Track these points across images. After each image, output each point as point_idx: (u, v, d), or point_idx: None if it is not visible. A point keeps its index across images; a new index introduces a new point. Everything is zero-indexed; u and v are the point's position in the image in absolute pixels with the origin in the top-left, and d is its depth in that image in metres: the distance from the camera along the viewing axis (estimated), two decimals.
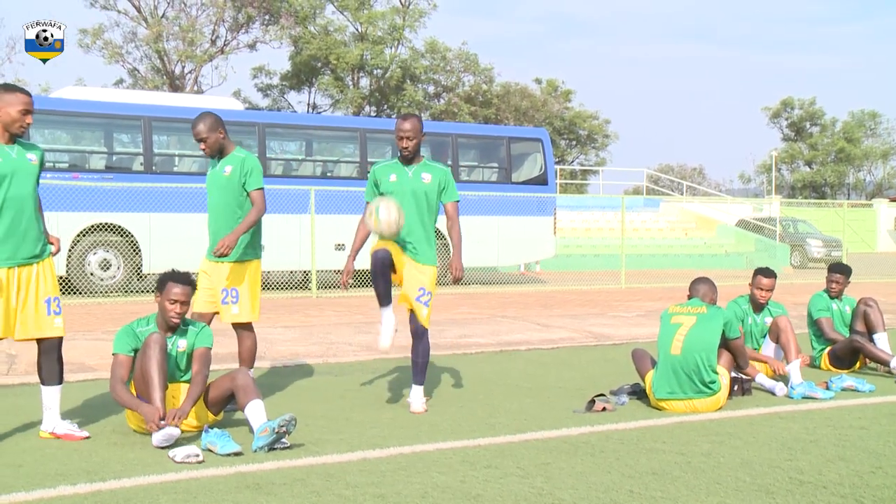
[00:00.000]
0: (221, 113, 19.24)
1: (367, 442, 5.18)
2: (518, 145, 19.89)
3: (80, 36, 39.26)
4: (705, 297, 6.65)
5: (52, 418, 5.33)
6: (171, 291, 5.45)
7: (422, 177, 6.27)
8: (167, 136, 17.74)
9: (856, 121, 65.19)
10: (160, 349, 5.24)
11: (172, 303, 5.44)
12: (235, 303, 6.28)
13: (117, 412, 5.89)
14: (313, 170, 18.43)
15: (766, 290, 7.66)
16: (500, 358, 9.12)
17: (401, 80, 44.46)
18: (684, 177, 63.40)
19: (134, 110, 15.95)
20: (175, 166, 16.97)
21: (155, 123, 16.09)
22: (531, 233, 19.10)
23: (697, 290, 6.73)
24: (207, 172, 6.45)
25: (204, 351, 5.57)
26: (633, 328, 11.39)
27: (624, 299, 15.97)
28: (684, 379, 6.17)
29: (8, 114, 5.14)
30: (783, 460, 4.77)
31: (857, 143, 64.22)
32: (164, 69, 40.66)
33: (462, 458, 4.78)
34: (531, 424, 5.72)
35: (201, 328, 5.69)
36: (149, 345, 5.25)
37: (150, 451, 4.98)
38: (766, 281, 7.65)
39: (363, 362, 8.74)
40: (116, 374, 5.33)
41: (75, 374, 7.55)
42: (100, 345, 9.27)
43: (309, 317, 12.33)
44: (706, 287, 6.74)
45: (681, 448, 5.04)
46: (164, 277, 5.55)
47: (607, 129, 55.82)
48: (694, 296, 6.68)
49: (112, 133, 16.88)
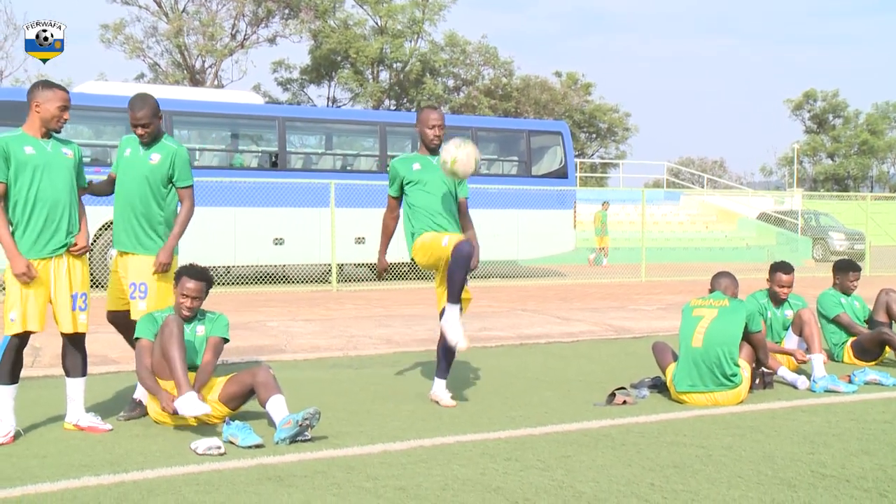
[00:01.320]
0: (242, 107, 19.38)
1: (387, 434, 5.20)
2: (538, 138, 19.86)
3: (101, 31, 39.54)
4: (727, 291, 6.62)
5: (75, 410, 5.39)
6: (184, 286, 5.55)
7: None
8: (188, 130, 17.83)
9: (879, 112, 64.59)
10: (178, 328, 5.32)
11: (184, 297, 5.54)
12: (143, 298, 5.77)
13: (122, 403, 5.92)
14: (333, 164, 18.48)
15: (786, 287, 7.60)
16: (519, 351, 9.12)
17: (420, 74, 44.46)
18: (705, 170, 63.09)
19: None
20: (196, 160, 17.05)
21: (175, 118, 16.17)
22: (551, 226, 19.07)
23: (719, 283, 6.70)
24: (118, 154, 5.94)
25: (218, 340, 5.62)
26: (654, 321, 11.36)
27: (644, 293, 15.93)
28: (705, 372, 6.15)
29: (47, 110, 5.23)
30: (805, 454, 4.75)
31: (881, 135, 63.64)
32: (185, 64, 40.84)
33: (482, 451, 4.79)
34: (551, 417, 5.72)
35: (218, 317, 5.74)
36: (167, 324, 5.34)
37: (173, 442, 5.02)
38: (786, 277, 7.58)
39: (383, 355, 8.76)
40: (142, 360, 5.45)
41: (98, 366, 7.62)
42: (122, 339, 9.33)
43: (329, 310, 12.37)
44: (728, 281, 6.72)
45: (702, 441, 5.03)
46: (180, 271, 5.63)
47: (627, 122, 55.60)
48: (716, 289, 6.66)
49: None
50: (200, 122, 17.57)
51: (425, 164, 6.29)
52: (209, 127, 18.07)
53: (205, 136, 18.44)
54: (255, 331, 9.88)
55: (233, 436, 4.94)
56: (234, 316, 6.73)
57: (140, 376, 5.43)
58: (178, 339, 5.28)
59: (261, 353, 8.50)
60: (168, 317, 5.42)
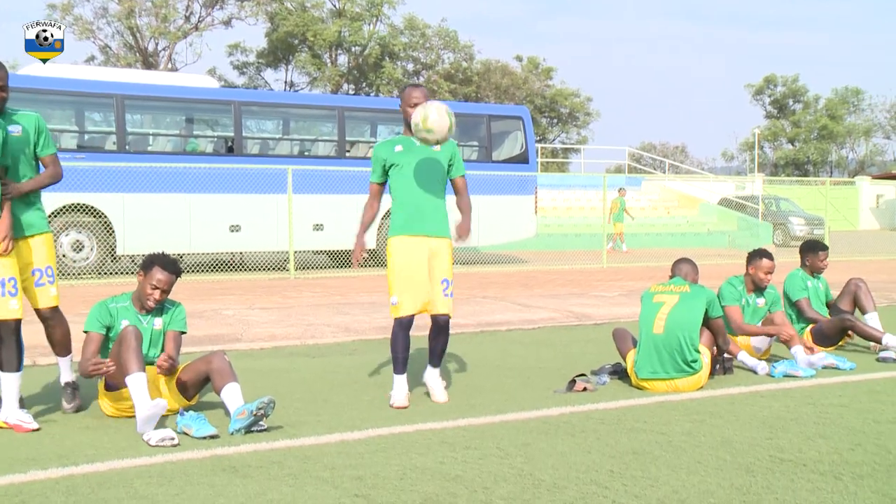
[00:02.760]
0: (196, 91, 19.15)
1: (345, 424, 5.18)
2: (498, 123, 19.86)
3: (48, 11, 38.83)
4: (687, 277, 6.68)
5: (8, 406, 5.16)
6: (154, 276, 5.40)
7: (432, 147, 5.93)
8: (141, 114, 17.58)
9: (839, 97, 65.56)
10: (136, 339, 5.14)
11: (153, 288, 5.40)
12: (52, 283, 5.41)
13: (90, 397, 5.85)
14: (290, 149, 18.34)
15: (770, 273, 7.63)
16: (480, 338, 9.14)
17: (379, 58, 44.28)
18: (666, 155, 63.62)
19: (106, 88, 15.81)
20: (149, 145, 16.85)
21: (128, 102, 15.95)
22: (512, 212, 19.11)
23: (680, 269, 6.76)
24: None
25: (176, 335, 5.54)
26: (615, 308, 11.43)
27: (605, 279, 16.03)
28: (667, 358, 6.20)
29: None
30: (763, 439, 4.81)
31: (840, 120, 64.62)
32: (137, 46, 40.30)
33: (441, 440, 4.79)
34: (511, 405, 5.74)
35: (176, 308, 5.64)
36: (125, 337, 5.14)
37: (125, 434, 4.96)
38: (770, 263, 7.54)
39: (342, 344, 8.73)
40: (87, 350, 5.30)
41: (47, 357, 7.48)
42: (72, 328, 9.19)
43: (286, 298, 12.30)
44: (689, 267, 6.78)
45: (662, 427, 5.08)
46: (153, 259, 5.47)
47: (589, 107, 55.91)
48: (676, 275, 6.72)
49: (83, 111, 16.71)
50: (154, 107, 17.32)
51: (407, 146, 5.95)
52: (163, 111, 17.83)
53: (158, 120, 18.20)
54: (211, 320, 9.80)
55: (186, 427, 4.90)
56: (189, 304, 6.65)
57: (81, 367, 5.24)
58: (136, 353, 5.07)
59: (216, 342, 8.43)
60: (126, 329, 5.18)
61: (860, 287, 8.43)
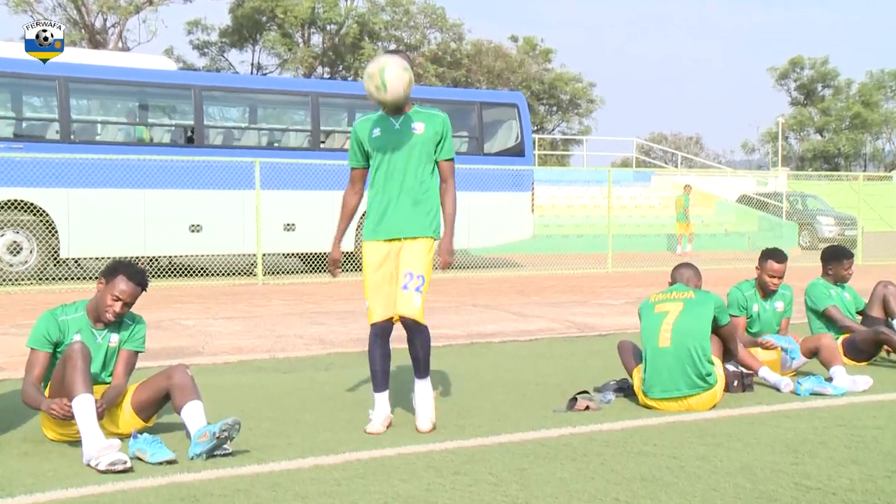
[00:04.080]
0: (151, 74, 19.19)
1: (319, 447, 5.18)
2: (491, 111, 19.90)
3: None
4: (689, 283, 6.71)
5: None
6: (117, 286, 5.31)
7: (412, 127, 5.74)
8: (87, 99, 17.55)
9: (874, 82, 65.83)
10: (83, 357, 5.06)
11: (114, 300, 5.32)
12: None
13: (30, 418, 5.82)
14: (258, 139, 18.34)
15: (777, 277, 7.70)
16: (470, 351, 9.15)
17: (358, 37, 44.26)
18: (679, 147, 63.83)
19: (47, 69, 15.68)
20: (97, 135, 16.81)
21: (72, 85, 15.92)
22: (506, 210, 19.15)
23: (681, 274, 6.79)
24: None
25: (131, 354, 5.49)
26: (621, 317, 11.46)
27: (610, 285, 16.06)
28: (678, 374, 6.21)
29: None
30: (788, 464, 4.83)
31: (875, 107, 64.86)
32: (83, 22, 40.18)
33: (427, 464, 4.80)
34: (505, 425, 5.74)
35: (136, 324, 5.58)
36: (71, 356, 5.06)
37: (70, 459, 4.94)
38: (777, 266, 7.66)
39: (316, 357, 8.73)
40: (30, 374, 5.23)
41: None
42: (8, 340, 9.20)
43: (254, 306, 12.29)
44: (690, 272, 6.81)
45: (673, 451, 5.09)
46: (117, 267, 5.38)
47: (592, 94, 56.06)
48: (677, 281, 6.74)
49: (21, 95, 16.66)
50: (102, 91, 17.29)
51: (385, 129, 5.76)
52: (112, 96, 17.80)
53: (107, 106, 18.16)
54: (169, 330, 9.79)
55: (140, 450, 4.88)
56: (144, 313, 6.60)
57: (24, 393, 5.18)
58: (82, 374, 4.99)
59: (175, 355, 8.41)
60: (73, 346, 5.10)
61: (889, 289, 8.47)
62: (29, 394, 5.17)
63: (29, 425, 5.73)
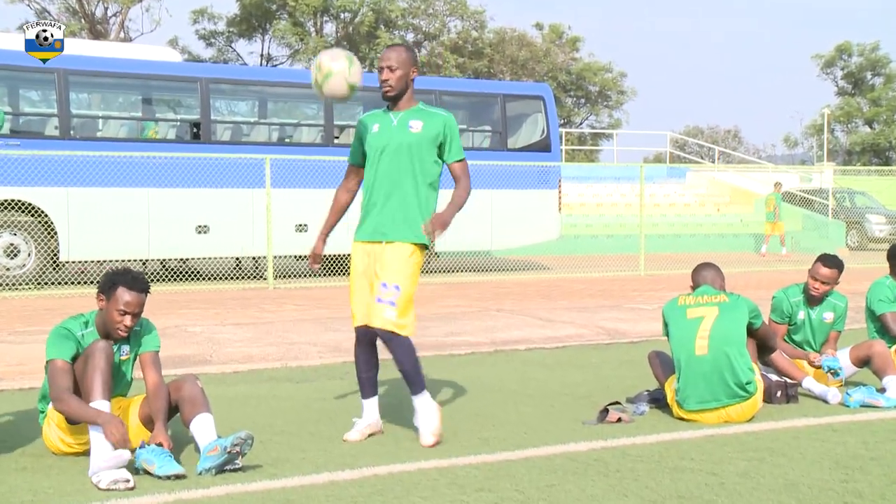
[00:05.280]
0: (155, 66, 19.24)
1: (335, 461, 5.19)
2: (515, 104, 19.88)
3: None
4: (714, 284, 6.67)
5: None
6: (121, 299, 5.23)
7: (409, 125, 5.78)
8: (88, 93, 17.64)
9: None
10: (106, 359, 5.07)
11: (122, 314, 5.24)
12: None
13: (28, 431, 5.84)
14: (269, 135, 18.40)
15: (821, 282, 7.54)
16: (494, 359, 9.14)
17: (373, 26, 44.33)
18: (716, 141, 63.59)
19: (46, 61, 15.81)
20: (98, 130, 16.90)
21: (72, 78, 16.00)
22: (531, 209, 19.13)
23: (704, 276, 6.74)
24: None
25: (153, 355, 5.49)
26: (655, 323, 11.33)
27: (643, 288, 16.02)
28: (717, 383, 6.18)
29: None
30: (837, 482, 4.80)
31: None
32: (83, 11, 40.41)
33: (450, 480, 4.80)
34: (532, 439, 5.74)
35: (143, 327, 5.58)
36: (94, 354, 5.05)
37: (70, 475, 4.96)
38: (824, 271, 7.47)
39: (330, 366, 8.73)
40: (60, 383, 5.09)
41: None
42: (5, 349, 9.26)
43: (264, 312, 12.32)
44: (714, 273, 6.77)
45: (712, 467, 5.07)
46: (114, 279, 5.30)
47: (623, 85, 55.89)
48: (701, 283, 6.70)
49: (18, 89, 16.76)
50: (103, 84, 17.39)
51: (383, 125, 5.83)
52: (114, 90, 17.90)
53: (109, 101, 18.26)
54: (175, 338, 9.82)
55: (147, 462, 4.87)
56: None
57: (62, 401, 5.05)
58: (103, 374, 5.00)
59: (181, 364, 8.44)
60: (94, 344, 5.11)
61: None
62: (72, 404, 5.02)
63: (27, 438, 5.74)
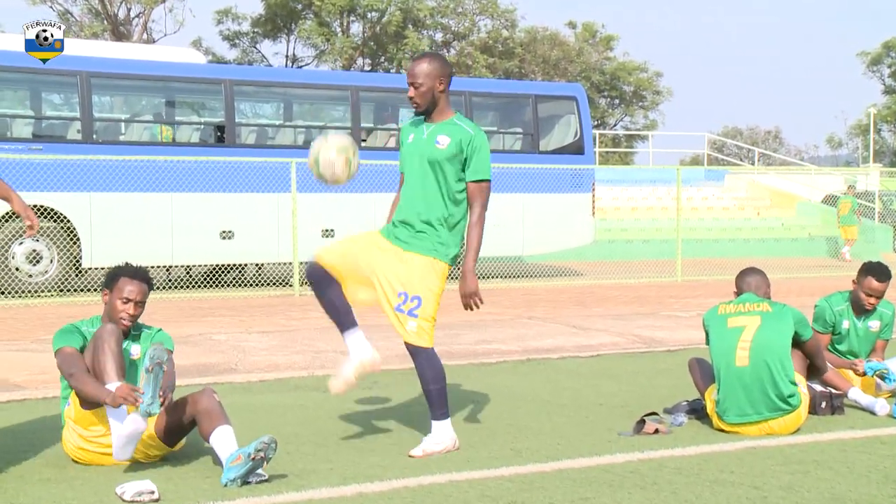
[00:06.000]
0: (178, 68, 19.31)
1: (363, 473, 5.19)
2: (547, 105, 19.86)
3: None
4: (758, 291, 6.62)
5: None
6: (123, 288, 5.48)
7: (437, 140, 5.74)
8: (110, 95, 17.77)
9: None
10: (115, 340, 5.24)
11: (125, 302, 5.47)
12: None
13: (51, 441, 5.88)
14: (294, 138, 18.44)
15: (875, 297, 7.44)
16: (526, 368, 9.13)
17: (401, 26, 44.40)
18: (756, 142, 63.28)
19: (68, 64, 15.90)
20: (121, 134, 17.01)
21: (95, 80, 16.11)
22: (564, 214, 19.09)
23: (748, 283, 6.69)
24: None
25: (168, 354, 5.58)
26: (692, 331, 11.36)
27: (680, 295, 15.95)
28: (758, 396, 6.14)
29: None
30: (887, 496, 4.77)
31: None
32: (105, 12, 40.72)
33: (481, 492, 4.79)
34: (566, 450, 5.72)
35: (157, 332, 5.73)
36: (101, 336, 5.24)
37: (92, 487, 4.99)
38: (877, 285, 7.34)
39: None
40: (72, 367, 5.26)
41: (2, 392, 7.58)
42: (28, 357, 9.32)
43: (290, 319, 12.35)
44: (759, 278, 6.70)
45: (754, 480, 5.04)
46: (116, 272, 5.59)
47: (659, 84, 55.72)
48: (745, 290, 6.64)
49: (40, 92, 16.90)
50: (126, 87, 17.50)
51: (416, 136, 5.85)
52: (137, 92, 18.02)
53: (132, 103, 18.39)
54: (199, 346, 9.86)
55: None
56: (172, 328, 6.68)
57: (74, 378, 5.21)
58: (114, 355, 5.18)
59: (206, 373, 8.49)
60: (102, 328, 5.32)
61: None
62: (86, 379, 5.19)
63: (51, 450, 5.78)
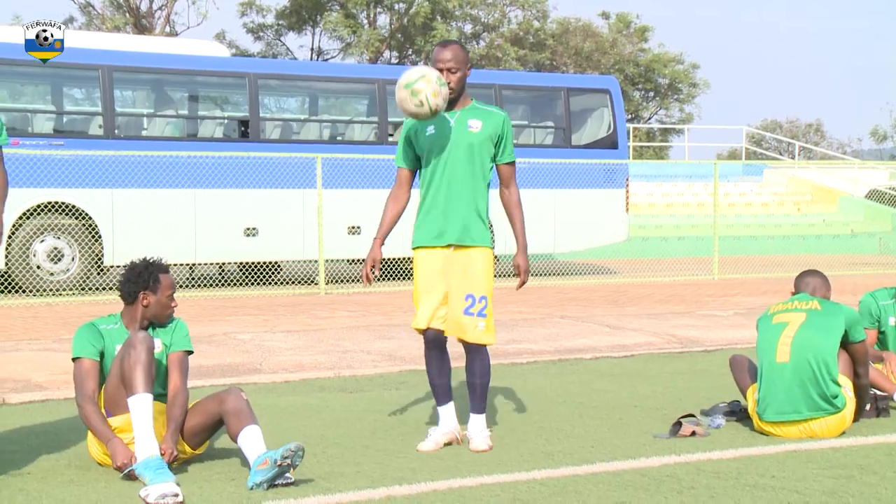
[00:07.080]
0: (201, 61, 19.41)
1: (391, 475, 5.20)
2: (579, 98, 19.82)
3: None
4: (816, 293, 6.58)
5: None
6: (164, 284, 5.57)
7: (468, 125, 5.92)
8: (132, 90, 17.85)
9: None
10: (147, 349, 5.22)
11: (170, 297, 5.60)
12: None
13: (74, 442, 5.93)
14: (319, 133, 18.48)
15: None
16: (559, 369, 9.12)
17: (429, 18, 44.36)
18: (796, 135, 62.81)
19: (90, 57, 16.01)
20: (144, 129, 17.09)
21: (117, 74, 16.19)
22: (597, 210, 19.05)
23: (806, 283, 6.65)
24: None
25: (182, 356, 5.60)
26: (730, 330, 11.34)
27: (717, 294, 15.89)
28: (798, 394, 6.10)
29: None
30: None
31: None
32: (127, 5, 40.91)
33: (513, 496, 4.79)
34: (600, 453, 5.72)
35: (177, 323, 5.73)
36: (133, 344, 5.21)
37: (117, 489, 5.02)
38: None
39: (385, 375, 8.76)
40: (84, 388, 5.31)
41: (19, 393, 7.65)
42: (50, 356, 9.38)
43: (316, 319, 12.38)
44: (818, 280, 6.66)
45: (795, 485, 5.02)
46: (150, 271, 5.58)
47: (695, 76, 55.37)
48: (801, 290, 6.61)
49: (61, 87, 17.01)
50: (148, 81, 17.57)
51: (440, 126, 5.91)
52: (160, 86, 18.09)
53: (154, 98, 18.46)
54: (223, 346, 9.90)
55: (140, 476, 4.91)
56: (196, 326, 6.72)
57: (83, 411, 5.28)
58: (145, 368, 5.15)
59: (230, 373, 8.52)
60: (135, 336, 5.29)
61: None
62: (92, 419, 5.26)
63: (75, 451, 5.82)
